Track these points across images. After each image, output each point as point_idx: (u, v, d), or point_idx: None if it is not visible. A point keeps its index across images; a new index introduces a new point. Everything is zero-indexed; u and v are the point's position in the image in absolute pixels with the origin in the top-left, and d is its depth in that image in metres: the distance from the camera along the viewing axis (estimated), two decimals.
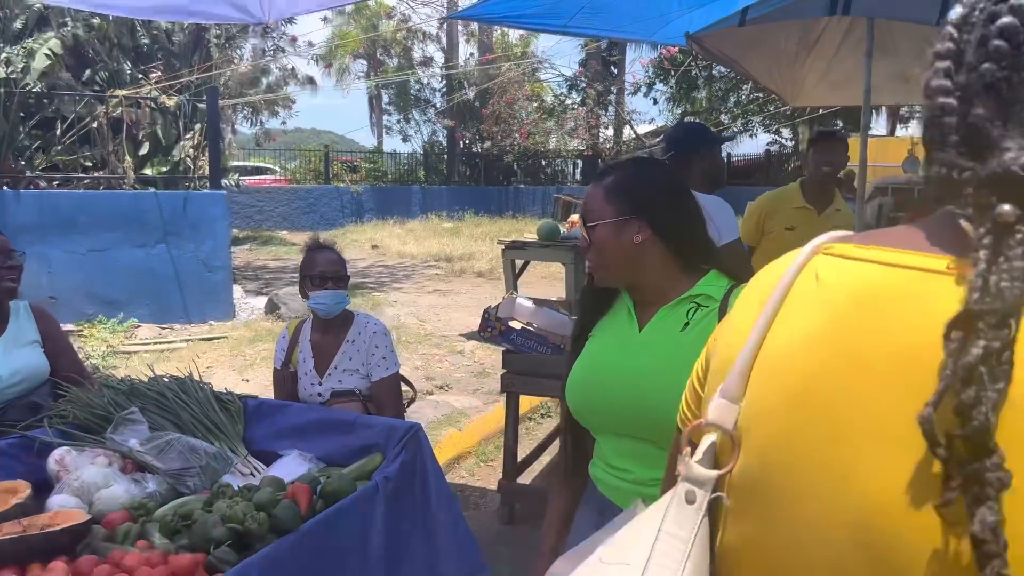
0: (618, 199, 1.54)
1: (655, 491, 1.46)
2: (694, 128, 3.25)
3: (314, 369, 2.80)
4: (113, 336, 7.18)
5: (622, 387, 1.51)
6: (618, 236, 1.53)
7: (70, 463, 2.13)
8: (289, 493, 1.90)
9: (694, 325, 1.49)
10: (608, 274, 1.58)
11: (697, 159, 2.96)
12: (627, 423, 1.52)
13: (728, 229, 2.82)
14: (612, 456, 1.58)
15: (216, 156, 8.33)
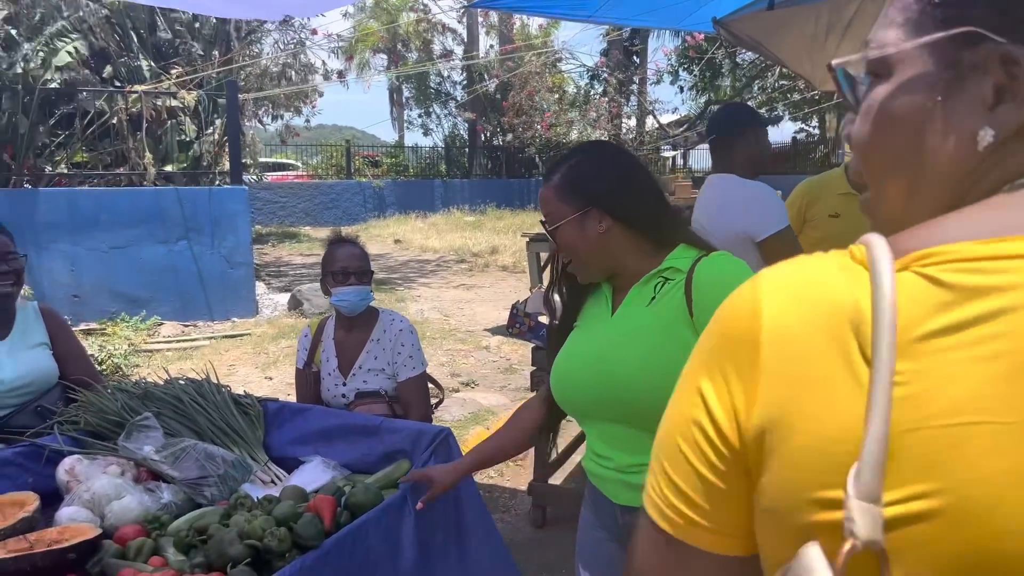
0: (570, 195, 1.52)
1: (636, 478, 1.45)
2: (737, 109, 3.08)
3: (338, 369, 2.67)
4: (136, 334, 7.13)
5: (591, 370, 1.51)
6: (582, 231, 1.51)
7: (81, 472, 2.02)
8: (311, 506, 1.77)
9: (660, 298, 1.47)
10: (588, 270, 1.57)
11: (741, 142, 2.81)
12: (600, 406, 1.51)
13: (776, 218, 2.65)
14: (595, 444, 1.59)
15: (236, 152, 8.24)
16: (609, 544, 1.62)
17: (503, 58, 20.70)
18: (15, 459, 2.04)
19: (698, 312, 1.41)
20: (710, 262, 1.45)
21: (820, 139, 22.96)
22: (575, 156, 1.57)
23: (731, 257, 1.48)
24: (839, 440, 0.50)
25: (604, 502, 1.58)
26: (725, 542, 0.59)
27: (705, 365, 0.60)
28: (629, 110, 23.57)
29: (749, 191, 2.72)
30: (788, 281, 0.57)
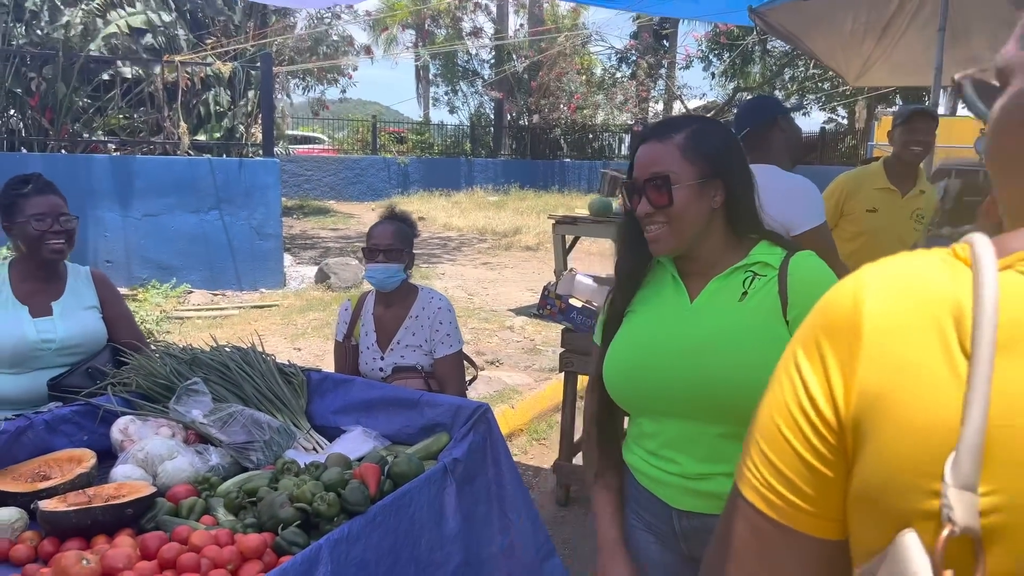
0: (698, 157, 1.40)
1: (703, 486, 1.41)
2: (764, 100, 3.05)
3: (376, 343, 2.73)
4: (166, 301, 7.25)
5: (678, 363, 1.41)
6: (699, 200, 1.41)
7: (134, 432, 2.10)
8: (357, 473, 1.83)
9: (753, 294, 1.40)
10: (679, 242, 1.43)
11: (776, 131, 2.78)
12: (683, 402, 1.42)
13: (814, 212, 2.65)
14: (657, 444, 1.48)
15: (269, 124, 8.31)
16: (654, 546, 1.54)
17: (532, 39, 20.58)
18: (72, 417, 2.12)
19: (793, 311, 1.36)
20: (804, 260, 1.40)
21: (849, 130, 22.70)
22: (696, 123, 1.45)
23: (816, 256, 1.43)
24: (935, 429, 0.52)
25: (658, 505, 1.49)
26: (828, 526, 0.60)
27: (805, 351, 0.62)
28: (656, 94, 23.40)
29: (790, 183, 2.71)
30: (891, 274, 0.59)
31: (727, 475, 1.38)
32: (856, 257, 3.33)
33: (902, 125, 3.41)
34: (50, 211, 2.39)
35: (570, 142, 23.52)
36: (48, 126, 8.11)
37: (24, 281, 2.42)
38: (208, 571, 1.52)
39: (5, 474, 1.90)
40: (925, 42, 7.02)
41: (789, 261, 1.40)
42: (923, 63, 7.19)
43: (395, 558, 1.74)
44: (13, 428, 1.96)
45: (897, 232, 3.45)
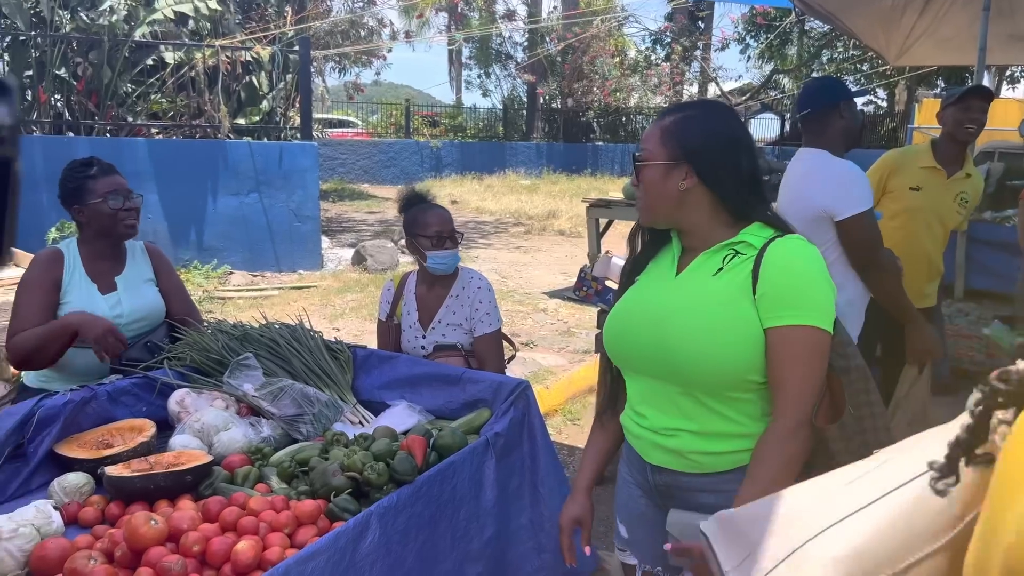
0: (671, 142, 1.52)
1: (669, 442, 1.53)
2: (832, 83, 3.01)
3: (418, 322, 2.80)
4: (208, 282, 7.41)
5: (648, 326, 1.54)
6: (664, 179, 1.52)
7: (190, 404, 2.19)
8: (404, 444, 1.90)
9: (727, 271, 1.49)
10: (651, 215, 1.58)
11: (836, 116, 2.76)
12: (648, 361, 1.55)
13: (859, 199, 2.64)
14: (635, 400, 1.63)
15: (308, 108, 8.42)
16: (641, 500, 1.68)
17: (566, 22, 20.46)
18: (131, 389, 2.22)
19: (761, 291, 1.43)
20: (783, 244, 1.46)
21: (888, 112, 22.29)
22: (693, 110, 1.57)
23: (804, 241, 1.49)
24: None
25: (637, 459, 1.64)
26: None
27: None
28: (691, 76, 23.15)
29: (839, 168, 2.70)
30: None
31: (690, 433, 1.52)
32: (898, 235, 3.31)
33: (956, 104, 3.35)
34: (120, 189, 2.47)
35: (603, 125, 23.40)
36: (94, 110, 8.30)
37: (91, 260, 2.52)
38: (266, 534, 1.60)
39: (71, 442, 2.01)
40: (969, 18, 6.87)
41: (771, 243, 1.47)
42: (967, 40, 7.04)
43: (434, 527, 1.81)
44: (78, 398, 2.06)
45: (938, 212, 3.42)
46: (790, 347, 1.42)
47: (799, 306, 1.42)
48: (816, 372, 1.44)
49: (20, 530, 1.55)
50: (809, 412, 1.43)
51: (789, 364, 1.42)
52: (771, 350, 1.43)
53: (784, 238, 1.49)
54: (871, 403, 1.57)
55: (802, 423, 1.42)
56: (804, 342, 1.42)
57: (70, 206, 2.46)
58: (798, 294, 1.43)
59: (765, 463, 1.42)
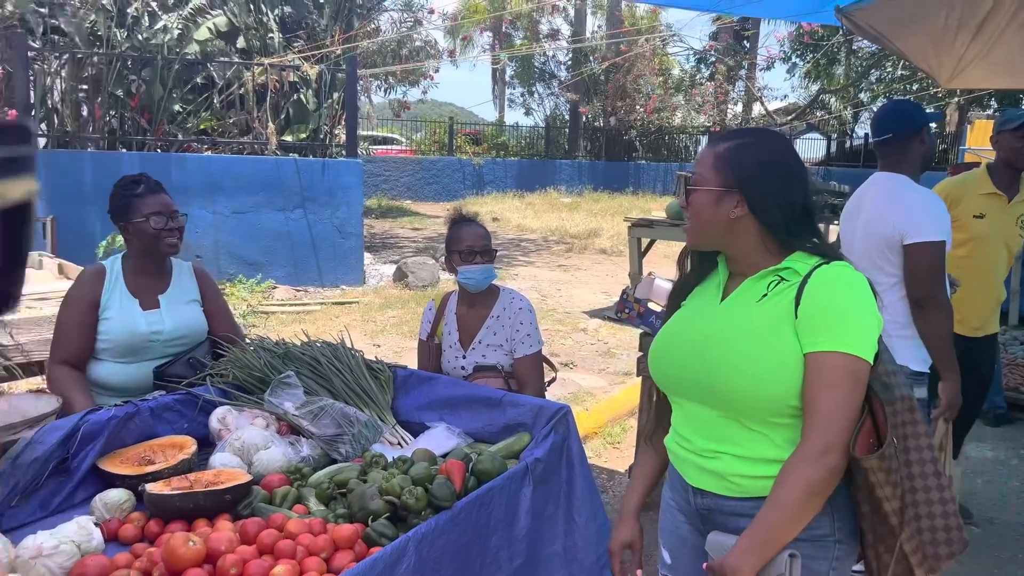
0: (724, 169, 1.51)
1: (712, 463, 1.51)
2: (912, 108, 2.95)
3: (459, 342, 2.78)
4: (252, 296, 7.51)
5: (692, 350, 1.54)
6: (715, 206, 1.51)
7: (231, 422, 2.19)
8: (443, 469, 1.88)
9: (771, 296, 1.49)
10: (699, 240, 1.59)
11: (918, 142, 2.72)
12: (694, 387, 1.55)
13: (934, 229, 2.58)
14: (680, 424, 1.63)
15: (353, 125, 8.52)
16: (684, 525, 1.66)
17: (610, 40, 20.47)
18: (173, 405, 2.23)
19: (801, 315, 1.43)
20: (829, 270, 1.45)
21: (939, 133, 21.83)
22: (748, 137, 1.57)
23: (851, 268, 1.48)
24: None
25: (680, 482, 1.63)
26: None
27: None
28: (736, 95, 22.97)
29: (922, 194, 2.66)
30: None
31: (733, 456, 1.50)
32: (966, 264, 3.23)
33: (1013, 132, 3.28)
34: (164, 209, 2.52)
35: (645, 144, 23.32)
36: (146, 126, 8.51)
37: (135, 276, 2.56)
38: (303, 558, 1.59)
39: (114, 457, 2.02)
40: None
41: (817, 269, 1.46)
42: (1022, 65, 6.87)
43: (466, 555, 1.78)
44: (122, 414, 2.08)
45: (1003, 238, 3.37)
46: (824, 372, 1.40)
47: (836, 332, 1.40)
48: (850, 400, 1.40)
49: (61, 547, 1.56)
50: (839, 439, 1.39)
51: (821, 389, 1.40)
52: (806, 374, 1.42)
53: (830, 265, 1.47)
54: (917, 435, 1.50)
55: (829, 449, 1.38)
56: (838, 368, 1.39)
57: (117, 222, 2.51)
58: (837, 320, 1.41)
59: (784, 485, 1.40)
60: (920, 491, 1.50)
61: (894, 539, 1.47)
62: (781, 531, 1.39)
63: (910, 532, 1.48)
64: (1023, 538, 3.54)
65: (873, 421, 1.46)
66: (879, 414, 1.46)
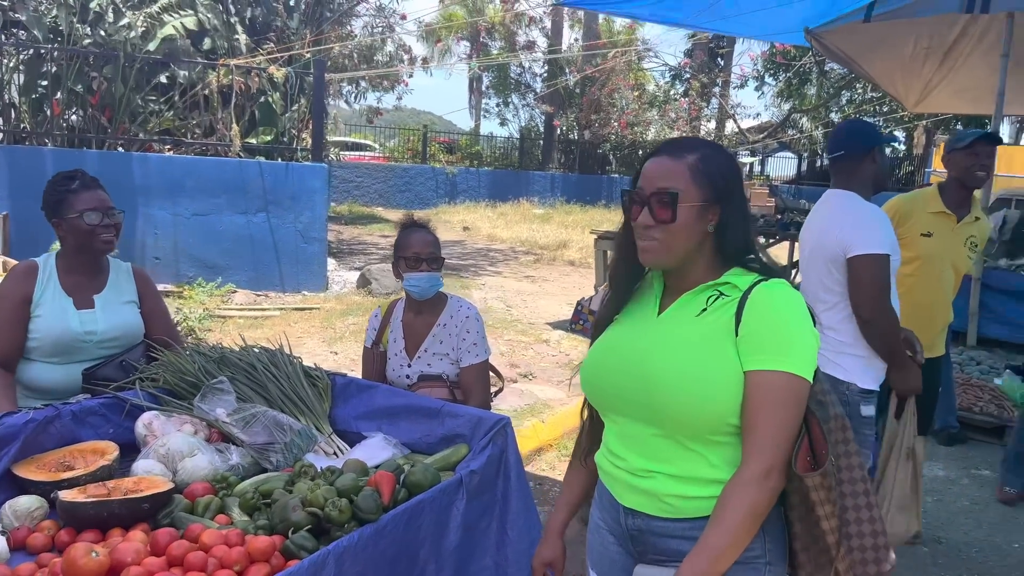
0: (705, 181, 1.45)
1: (645, 483, 1.46)
2: (865, 127, 2.99)
3: (404, 350, 2.73)
4: (210, 299, 7.38)
5: (630, 366, 1.50)
6: (698, 220, 1.45)
7: (158, 428, 2.12)
8: (372, 480, 1.82)
9: (711, 311, 1.46)
10: (669, 258, 1.48)
11: (869, 160, 2.74)
12: (629, 404, 1.50)
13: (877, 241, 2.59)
14: (612, 441, 1.57)
15: (320, 129, 8.44)
16: (613, 546, 1.61)
17: (586, 54, 20.59)
18: (99, 409, 2.16)
19: (743, 332, 1.40)
20: (769, 287, 1.43)
21: (907, 155, 22.21)
22: (707, 147, 1.50)
23: (789, 286, 1.46)
24: None
25: (610, 502, 1.58)
26: None
27: None
28: (709, 112, 23.20)
29: (865, 209, 2.68)
30: None
31: (667, 475, 1.46)
32: (911, 282, 3.24)
33: (964, 150, 3.31)
34: (99, 206, 2.45)
35: (619, 158, 23.44)
36: (107, 124, 8.35)
37: (69, 274, 2.48)
38: (215, 571, 1.53)
39: (31, 463, 1.94)
40: (989, 68, 6.82)
41: (756, 286, 1.44)
42: (986, 91, 6.99)
43: (391, 568, 1.72)
44: (41, 417, 2.00)
45: (951, 258, 3.38)
46: (766, 392, 1.38)
47: (779, 351, 1.38)
48: (791, 420, 1.39)
49: None
50: (781, 460, 1.38)
51: (763, 409, 1.37)
52: (747, 394, 1.39)
53: (770, 282, 1.45)
54: (849, 453, 1.51)
55: (771, 471, 1.37)
56: (781, 388, 1.37)
57: (51, 219, 2.43)
58: (779, 339, 1.39)
59: (729, 508, 1.36)
60: (851, 509, 1.50)
61: (828, 559, 1.46)
62: (726, 557, 1.36)
63: (844, 551, 1.47)
64: (969, 558, 3.55)
65: (809, 439, 1.45)
66: (816, 432, 1.45)
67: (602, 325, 1.64)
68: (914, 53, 7.03)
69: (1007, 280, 6.99)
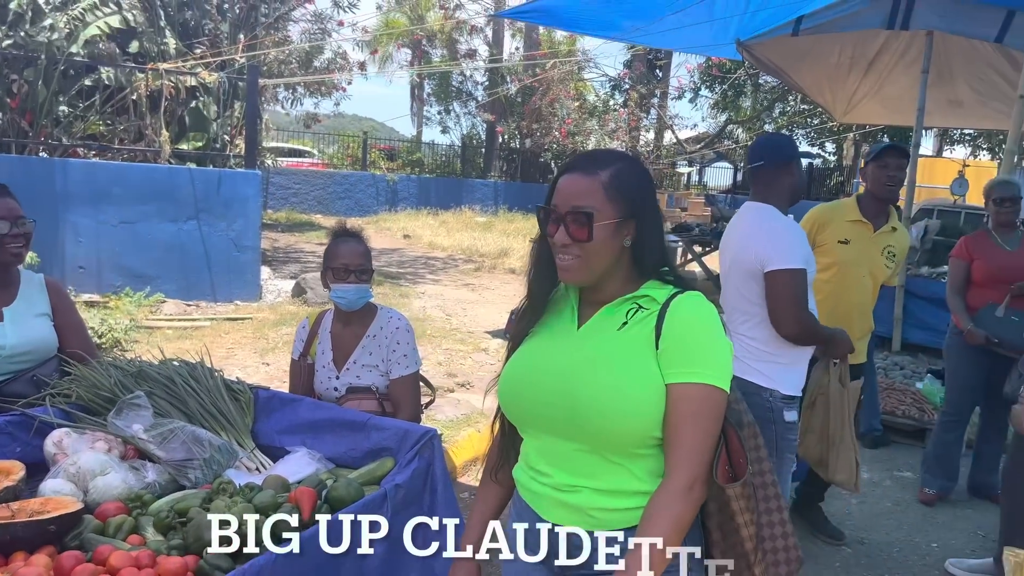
0: (619, 198, 1.45)
1: (571, 497, 1.45)
2: (784, 141, 3.08)
3: (332, 362, 2.69)
4: (138, 310, 7.16)
5: (553, 382, 1.47)
6: (613, 237, 1.45)
7: (68, 446, 2.04)
8: (292, 497, 1.79)
9: (632, 324, 1.46)
10: (588, 275, 1.48)
11: (787, 174, 2.80)
12: (554, 420, 1.48)
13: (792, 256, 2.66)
14: (534, 457, 1.55)
15: (253, 136, 8.29)
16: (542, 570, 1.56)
17: (527, 63, 20.71)
18: (5, 427, 2.07)
19: (663, 346, 1.42)
20: (685, 300, 1.45)
21: (836, 166, 22.90)
22: (620, 161, 1.50)
23: (704, 299, 1.48)
24: None
25: (532, 518, 1.55)
26: None
27: None
28: (648, 123, 23.56)
29: (781, 223, 2.74)
30: None
31: (592, 490, 1.45)
32: (828, 288, 3.34)
33: (874, 161, 3.44)
34: (8, 215, 2.35)
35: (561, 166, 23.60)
36: (28, 129, 8.05)
37: None
38: None
39: None
40: (911, 81, 7.10)
41: (673, 299, 1.45)
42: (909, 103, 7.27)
43: None
44: None
45: (868, 266, 3.49)
46: (688, 404, 1.39)
47: (699, 364, 1.40)
48: (712, 431, 1.41)
49: None
50: (704, 471, 1.40)
51: (686, 421, 1.39)
52: (669, 406, 1.40)
53: (686, 295, 1.47)
54: (760, 459, 1.55)
55: (694, 482, 1.38)
56: (702, 399, 1.39)
57: None
58: (698, 352, 1.41)
59: (655, 521, 1.37)
60: (764, 513, 1.54)
61: (746, 564, 1.49)
62: (655, 571, 1.36)
63: (759, 556, 1.50)
64: (891, 558, 3.66)
65: (726, 449, 1.47)
66: (733, 441, 1.48)
67: (518, 338, 1.61)
68: (839, 63, 7.28)
69: (929, 288, 7.25)
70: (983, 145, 20.98)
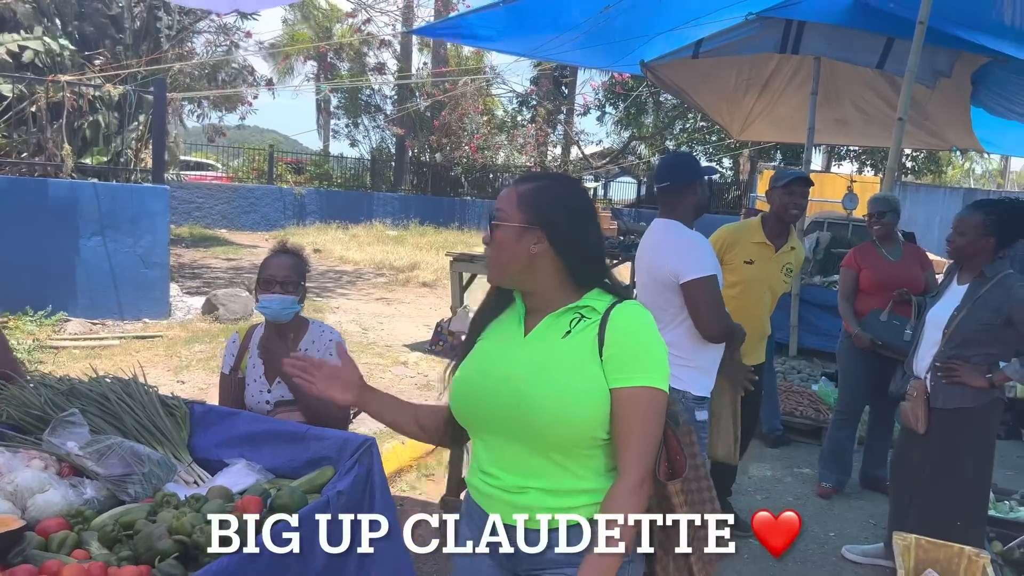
0: (526, 207, 1.59)
1: (520, 499, 1.58)
2: (690, 160, 3.29)
3: (263, 376, 2.73)
4: (40, 329, 6.88)
5: (501, 387, 1.58)
6: (517, 242, 1.59)
7: (3, 465, 2.03)
8: (239, 506, 1.84)
9: (575, 333, 1.57)
10: (500, 275, 1.65)
11: (691, 192, 3.02)
12: (502, 422, 1.58)
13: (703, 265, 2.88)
14: (484, 460, 1.64)
15: (160, 150, 8.09)
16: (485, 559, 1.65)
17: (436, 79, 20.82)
18: None
19: (607, 353, 1.53)
20: (624, 309, 1.57)
21: (734, 181, 23.94)
22: (549, 180, 1.69)
23: (641, 307, 1.62)
24: None
25: (483, 519, 1.62)
26: None
27: None
28: (555, 138, 24.03)
29: (688, 237, 2.97)
30: None
31: (539, 490, 1.56)
32: (735, 303, 3.59)
33: (782, 188, 3.70)
34: None
35: (471, 181, 23.79)
36: None
37: None
38: None
39: None
40: (801, 102, 7.62)
41: (613, 309, 1.58)
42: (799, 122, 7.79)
43: None
44: None
45: (769, 283, 3.78)
46: (634, 406, 1.51)
47: (641, 368, 1.53)
48: (656, 430, 1.54)
49: None
50: (650, 468, 1.53)
51: (633, 423, 1.51)
52: (616, 409, 1.52)
53: (624, 304, 1.60)
54: (694, 455, 1.69)
55: (644, 480, 1.51)
56: (647, 402, 1.52)
57: None
58: (640, 357, 1.54)
59: (614, 519, 1.48)
60: (697, 504, 1.69)
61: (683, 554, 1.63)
62: (613, 568, 1.47)
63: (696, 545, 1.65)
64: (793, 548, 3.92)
65: (665, 447, 1.62)
66: (671, 440, 1.63)
67: (468, 347, 1.73)
68: (736, 85, 7.73)
69: (821, 296, 7.74)
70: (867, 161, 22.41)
